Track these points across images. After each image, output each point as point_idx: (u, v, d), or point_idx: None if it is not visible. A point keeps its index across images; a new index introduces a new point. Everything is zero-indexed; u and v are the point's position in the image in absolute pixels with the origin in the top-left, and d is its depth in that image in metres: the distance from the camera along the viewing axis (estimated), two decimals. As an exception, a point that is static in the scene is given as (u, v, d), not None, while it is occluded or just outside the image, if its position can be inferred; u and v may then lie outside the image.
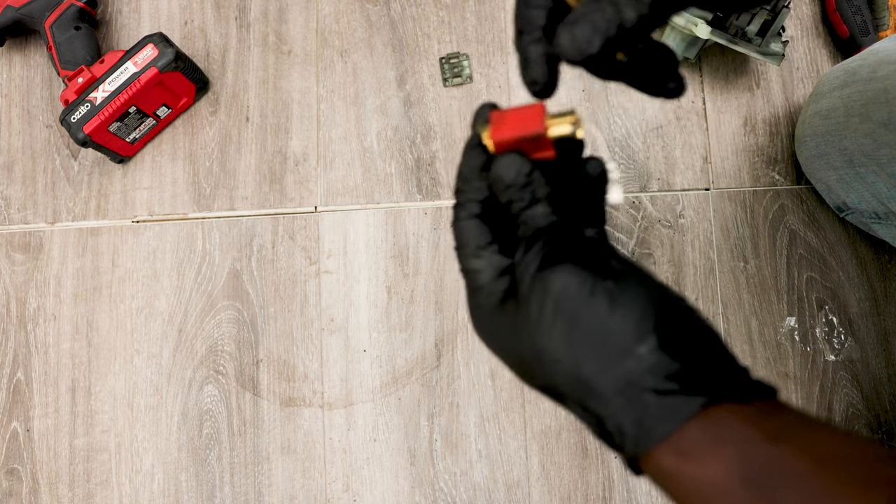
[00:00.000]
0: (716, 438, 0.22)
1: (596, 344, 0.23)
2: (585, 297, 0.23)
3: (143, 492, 0.63)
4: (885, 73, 0.53)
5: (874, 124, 0.53)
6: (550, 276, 0.24)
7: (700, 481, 0.22)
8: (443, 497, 0.63)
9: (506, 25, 0.72)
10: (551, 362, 0.24)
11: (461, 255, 0.27)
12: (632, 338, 0.23)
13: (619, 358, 0.23)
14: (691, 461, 0.22)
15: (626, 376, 0.22)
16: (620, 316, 0.23)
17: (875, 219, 0.60)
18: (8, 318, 0.66)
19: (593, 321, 0.23)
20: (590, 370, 0.23)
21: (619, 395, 0.22)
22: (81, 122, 0.62)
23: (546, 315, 0.24)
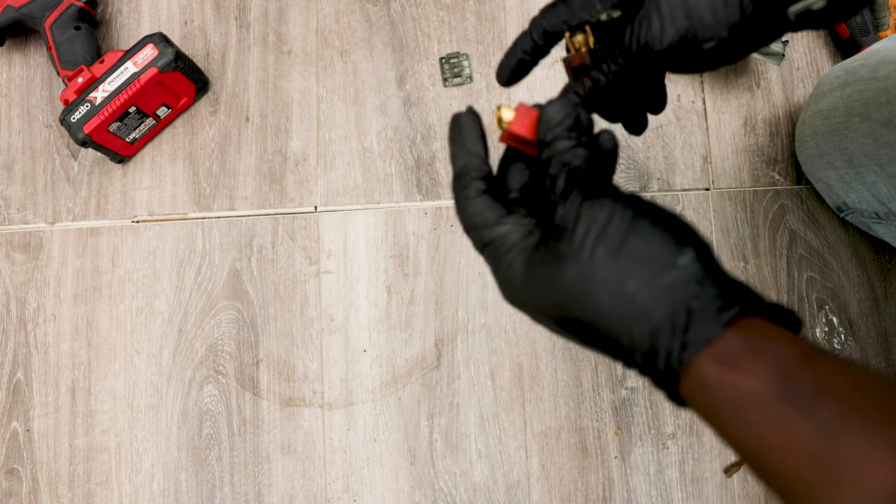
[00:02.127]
0: (754, 349, 0.23)
1: (639, 261, 0.25)
2: (627, 222, 0.25)
3: (143, 492, 0.63)
4: (885, 73, 0.53)
5: (875, 124, 0.53)
6: (596, 205, 0.26)
7: (739, 390, 0.22)
8: (443, 497, 0.63)
9: (506, 25, 0.72)
10: (597, 285, 0.25)
11: (480, 231, 0.29)
12: (672, 252, 0.25)
13: (662, 269, 0.24)
14: (731, 370, 0.23)
15: (669, 284, 0.24)
16: (660, 236, 0.25)
17: (875, 219, 0.60)
18: (8, 318, 0.66)
19: (636, 241, 0.25)
20: (635, 284, 0.24)
21: (664, 304, 0.24)
22: (81, 122, 0.62)
23: (591, 241, 0.25)
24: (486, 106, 0.70)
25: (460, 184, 0.30)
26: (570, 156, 0.28)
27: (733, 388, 0.22)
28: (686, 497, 0.64)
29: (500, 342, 0.66)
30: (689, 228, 0.26)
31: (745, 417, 0.22)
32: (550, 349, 0.66)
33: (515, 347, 0.66)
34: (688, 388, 0.24)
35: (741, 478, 0.64)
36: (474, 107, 0.70)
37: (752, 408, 0.22)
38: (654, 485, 0.64)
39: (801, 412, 0.21)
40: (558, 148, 0.28)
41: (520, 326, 0.66)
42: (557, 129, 0.28)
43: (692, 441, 0.64)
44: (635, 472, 0.64)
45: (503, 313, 0.66)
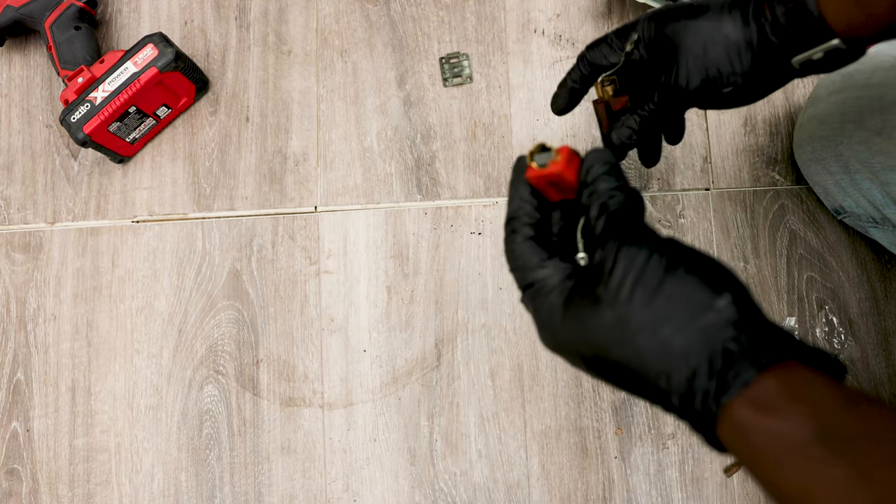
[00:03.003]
0: (793, 393, 0.23)
1: (676, 304, 0.25)
2: (664, 266, 0.26)
3: (143, 492, 0.63)
4: (879, 80, 0.52)
5: (868, 132, 0.53)
6: (634, 249, 0.27)
7: (776, 435, 0.22)
8: (443, 497, 0.63)
9: (506, 25, 0.72)
10: (634, 328, 0.25)
11: (524, 272, 0.31)
12: (710, 294, 0.25)
13: (699, 312, 0.25)
14: (769, 414, 0.22)
15: (706, 327, 0.24)
16: (696, 280, 0.26)
17: (872, 223, 0.60)
18: (8, 318, 0.66)
19: (673, 285, 0.25)
20: (671, 328, 0.25)
21: (700, 347, 0.24)
22: (81, 122, 0.62)
23: (628, 284, 0.26)
24: (485, 106, 0.70)
25: (510, 227, 0.32)
26: (609, 198, 0.29)
27: (770, 433, 0.22)
28: (686, 497, 0.64)
29: (500, 342, 0.66)
30: (727, 272, 0.27)
31: (782, 462, 0.22)
32: (550, 349, 0.66)
33: (515, 347, 0.66)
34: (725, 431, 0.24)
35: (741, 478, 0.64)
36: (474, 107, 0.70)
37: (789, 453, 0.22)
38: (654, 485, 0.64)
39: (839, 457, 0.21)
40: (599, 189, 0.29)
41: (520, 326, 0.66)
42: (600, 170, 0.30)
43: (692, 441, 0.65)
44: (635, 472, 0.64)
45: (503, 313, 0.66)
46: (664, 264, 0.26)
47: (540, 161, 0.31)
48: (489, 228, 0.68)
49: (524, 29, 0.72)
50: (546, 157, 0.31)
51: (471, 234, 0.68)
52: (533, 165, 0.31)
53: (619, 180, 0.30)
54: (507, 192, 0.34)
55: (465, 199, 0.68)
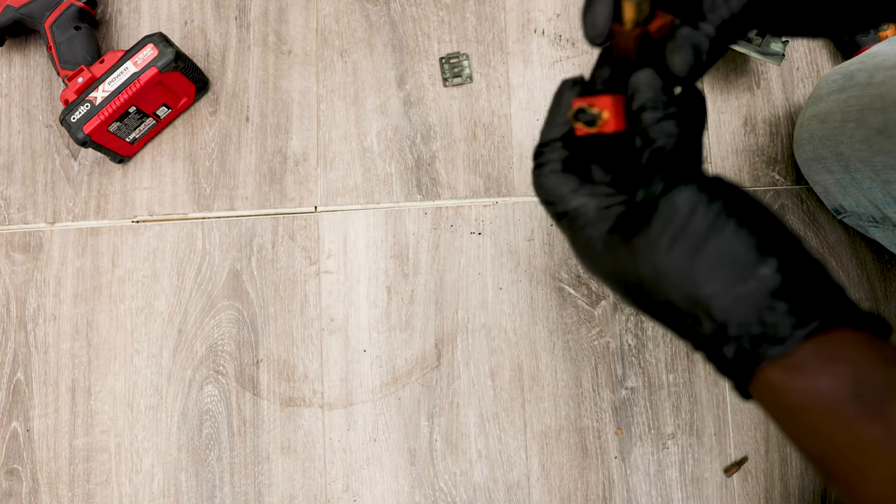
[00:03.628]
0: (830, 357, 0.22)
1: (719, 264, 0.23)
2: (711, 219, 0.24)
3: (143, 492, 0.63)
4: (881, 79, 0.52)
5: (870, 131, 0.53)
6: (677, 197, 0.24)
7: (808, 393, 0.22)
8: (443, 497, 0.63)
9: (506, 25, 0.72)
10: (671, 283, 0.24)
11: (555, 205, 0.29)
12: (754, 259, 0.23)
13: (741, 278, 0.23)
14: (802, 375, 0.22)
15: (747, 295, 0.23)
16: (744, 238, 0.24)
17: (872, 222, 0.60)
18: (8, 318, 0.66)
19: (717, 242, 0.24)
20: (711, 290, 0.23)
21: (738, 315, 0.23)
22: (81, 122, 0.62)
23: (669, 236, 0.24)
24: (485, 106, 0.70)
25: (537, 161, 0.30)
26: (656, 131, 0.26)
27: (803, 392, 0.22)
28: (686, 497, 0.64)
29: (500, 342, 0.66)
30: (778, 229, 0.25)
31: (814, 420, 0.22)
32: (550, 349, 0.66)
33: (515, 347, 0.66)
34: (757, 389, 0.24)
35: (741, 478, 0.64)
36: (474, 107, 0.70)
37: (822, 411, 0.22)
38: (654, 485, 0.64)
39: (872, 414, 0.21)
40: (646, 120, 0.27)
41: (520, 326, 0.66)
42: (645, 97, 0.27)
43: (692, 441, 0.64)
44: (635, 472, 0.64)
45: (503, 313, 0.66)
46: (710, 218, 0.24)
47: (586, 120, 0.28)
48: (489, 228, 0.68)
49: (524, 29, 0.72)
50: (592, 116, 0.28)
51: (471, 234, 0.68)
52: (579, 126, 0.28)
53: (667, 107, 0.27)
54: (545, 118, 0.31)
55: (465, 199, 0.68)
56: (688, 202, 0.24)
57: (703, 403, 0.65)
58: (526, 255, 0.67)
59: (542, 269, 0.67)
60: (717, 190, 0.25)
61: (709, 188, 0.25)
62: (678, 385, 0.65)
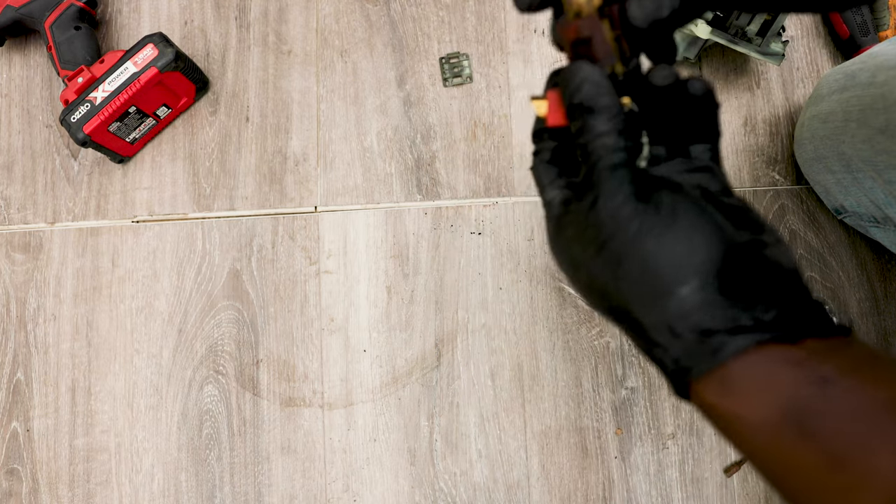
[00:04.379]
0: (758, 379, 0.22)
1: (639, 282, 0.23)
2: (633, 232, 0.23)
3: (143, 492, 0.63)
4: (883, 79, 0.52)
5: (872, 130, 0.53)
6: (601, 207, 0.24)
7: (739, 418, 0.22)
8: (443, 497, 0.63)
9: (506, 25, 0.72)
10: (603, 294, 0.24)
11: (540, 194, 0.29)
12: (674, 279, 0.23)
13: (659, 298, 0.23)
14: (732, 397, 0.22)
15: (666, 317, 0.23)
16: (666, 254, 0.23)
17: (873, 222, 0.60)
18: (8, 318, 0.66)
19: (638, 257, 0.23)
20: (635, 307, 0.23)
21: (663, 332, 0.23)
22: (81, 122, 0.62)
23: (593, 247, 0.24)
24: (485, 106, 0.70)
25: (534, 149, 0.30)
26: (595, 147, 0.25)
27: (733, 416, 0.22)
28: (686, 497, 0.64)
29: (500, 342, 0.66)
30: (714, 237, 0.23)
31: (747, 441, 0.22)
32: (550, 349, 0.66)
33: (515, 347, 0.66)
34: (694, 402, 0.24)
35: (741, 478, 0.64)
36: (474, 107, 0.70)
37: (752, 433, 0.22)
38: (654, 485, 0.64)
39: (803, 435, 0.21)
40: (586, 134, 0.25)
41: (520, 326, 0.66)
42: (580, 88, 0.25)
43: (692, 441, 0.64)
44: (635, 472, 0.64)
45: (503, 313, 0.66)
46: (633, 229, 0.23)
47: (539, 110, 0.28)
48: (489, 228, 0.68)
49: (524, 29, 0.72)
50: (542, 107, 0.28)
51: (471, 234, 0.68)
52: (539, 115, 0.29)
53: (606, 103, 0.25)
54: None
55: (465, 199, 0.68)
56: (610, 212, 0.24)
57: (703, 403, 0.65)
58: (526, 255, 0.67)
59: (542, 269, 0.67)
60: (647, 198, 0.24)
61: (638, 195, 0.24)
62: (678, 385, 0.65)
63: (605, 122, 0.24)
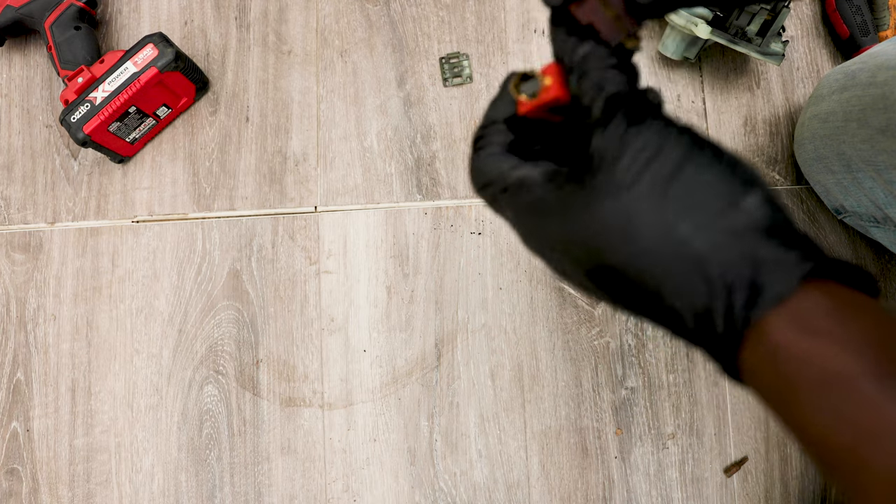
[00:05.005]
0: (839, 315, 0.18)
1: (696, 198, 0.20)
2: (683, 149, 0.21)
3: (143, 492, 0.63)
4: (883, 79, 0.52)
5: (872, 130, 0.53)
6: (644, 130, 0.21)
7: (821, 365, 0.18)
8: (443, 497, 0.63)
9: (506, 25, 0.72)
10: (641, 223, 0.20)
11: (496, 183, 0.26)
12: (737, 190, 0.20)
13: (724, 210, 0.20)
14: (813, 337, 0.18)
15: (731, 228, 0.20)
16: (721, 170, 0.20)
17: (873, 223, 0.60)
18: (8, 318, 0.66)
19: (692, 173, 0.20)
20: (688, 226, 0.20)
21: (724, 252, 0.19)
22: (81, 121, 0.62)
23: (635, 169, 0.21)
24: (485, 106, 0.70)
25: (477, 146, 0.27)
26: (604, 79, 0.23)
27: (813, 362, 0.18)
28: (686, 497, 0.64)
29: (500, 342, 0.66)
30: (754, 169, 0.21)
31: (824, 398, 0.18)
32: (550, 349, 0.66)
33: (515, 347, 0.66)
34: (751, 357, 0.19)
35: (741, 478, 0.64)
36: (474, 107, 0.70)
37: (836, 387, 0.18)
38: (654, 485, 0.64)
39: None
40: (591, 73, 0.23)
41: (520, 326, 0.66)
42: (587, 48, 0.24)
43: (692, 441, 0.64)
44: (635, 472, 0.64)
45: (503, 313, 0.66)
46: (682, 148, 0.21)
47: (528, 91, 0.26)
48: (489, 228, 0.68)
49: (524, 29, 0.72)
50: (534, 86, 0.26)
51: (471, 234, 0.68)
52: (522, 98, 0.26)
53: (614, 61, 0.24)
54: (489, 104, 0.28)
55: (465, 199, 0.68)
56: (656, 134, 0.21)
57: (703, 403, 0.65)
58: (526, 255, 0.67)
59: (542, 269, 0.67)
60: (684, 126, 0.22)
61: (675, 124, 0.22)
62: (678, 385, 0.65)
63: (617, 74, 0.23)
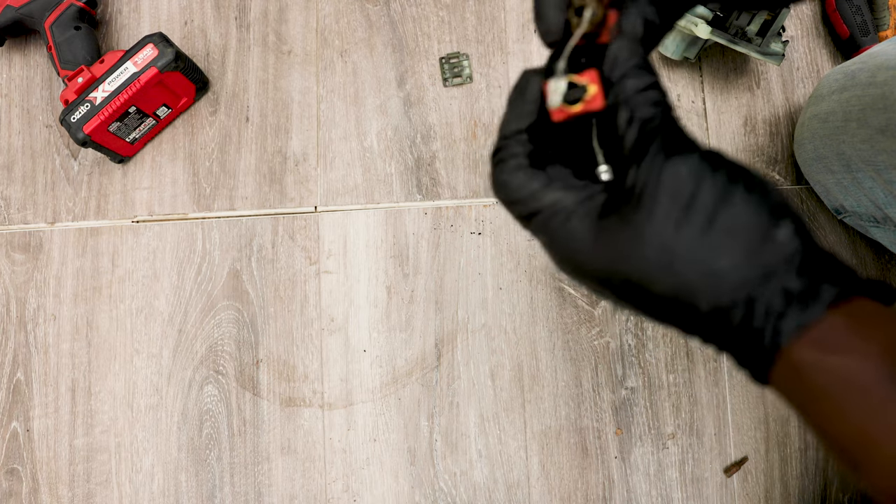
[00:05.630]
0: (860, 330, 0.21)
1: (732, 234, 0.22)
2: (719, 188, 0.22)
3: (143, 492, 0.63)
4: (883, 79, 0.52)
5: (872, 130, 0.53)
6: (680, 168, 0.22)
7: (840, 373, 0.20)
8: (443, 497, 0.63)
9: (506, 25, 0.72)
10: (682, 262, 0.22)
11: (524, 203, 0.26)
12: (769, 225, 0.22)
13: (758, 245, 0.22)
14: (833, 353, 0.21)
15: (765, 262, 0.21)
16: (755, 204, 0.22)
17: (873, 222, 0.60)
18: (8, 318, 0.66)
19: (728, 211, 0.22)
20: (726, 262, 0.22)
21: (759, 284, 0.21)
22: (81, 121, 0.62)
23: (676, 212, 0.22)
24: (485, 106, 0.70)
25: (499, 156, 0.27)
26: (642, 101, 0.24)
27: (833, 372, 0.20)
28: (686, 497, 0.64)
29: (500, 342, 0.66)
30: (782, 196, 0.23)
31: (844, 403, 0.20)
32: (550, 349, 0.66)
33: (515, 347, 0.66)
34: (780, 372, 0.22)
35: (741, 478, 0.64)
36: (474, 107, 0.70)
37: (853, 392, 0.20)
38: (654, 485, 0.64)
39: None
40: (627, 91, 0.24)
41: (520, 326, 0.66)
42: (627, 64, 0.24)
43: (692, 441, 0.64)
44: (635, 472, 0.64)
45: (503, 313, 0.66)
46: (718, 187, 0.22)
47: (570, 98, 0.25)
48: (489, 228, 0.68)
49: (524, 29, 0.72)
50: (577, 94, 0.25)
51: (471, 234, 0.68)
52: (562, 107, 0.25)
53: (650, 76, 0.24)
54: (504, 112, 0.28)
55: (465, 199, 0.68)
56: (692, 172, 0.22)
57: (703, 403, 0.65)
58: (526, 255, 0.67)
59: (542, 269, 0.67)
60: (717, 159, 0.23)
61: (709, 158, 0.23)
62: (678, 385, 0.65)
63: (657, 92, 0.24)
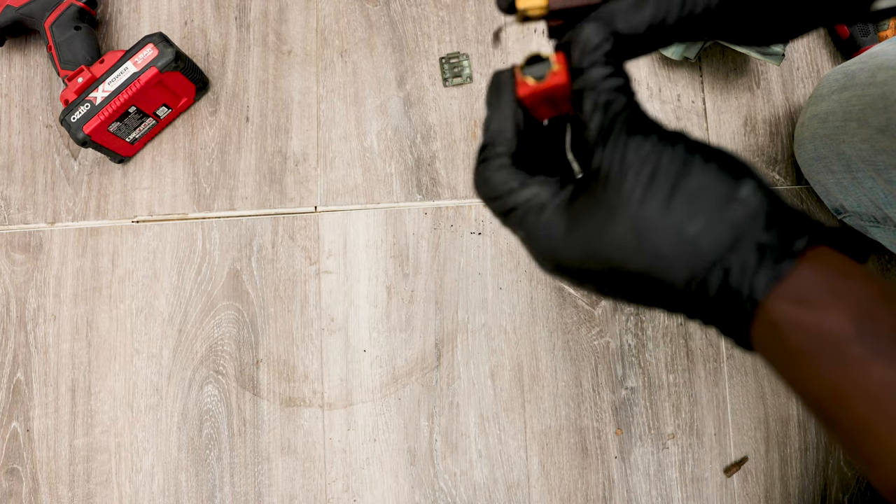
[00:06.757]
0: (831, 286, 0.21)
1: (697, 200, 0.23)
2: (679, 160, 0.23)
3: (143, 492, 0.63)
4: (883, 79, 0.52)
5: (872, 130, 0.53)
6: (643, 144, 0.24)
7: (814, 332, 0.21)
8: (443, 497, 0.63)
9: (506, 25, 0.72)
10: (655, 232, 0.23)
11: (503, 198, 0.27)
12: (731, 185, 0.23)
13: (723, 205, 0.23)
14: (807, 309, 0.21)
15: (732, 220, 0.22)
16: (715, 170, 0.23)
17: (873, 223, 0.60)
18: (8, 318, 0.66)
19: (691, 180, 0.23)
20: (696, 227, 0.23)
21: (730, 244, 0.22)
22: (81, 121, 0.62)
23: (642, 185, 0.23)
24: (484, 106, 0.70)
25: (482, 156, 0.28)
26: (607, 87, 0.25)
27: (807, 330, 0.21)
28: (686, 497, 0.64)
29: (500, 342, 0.66)
30: (743, 160, 0.24)
31: (818, 361, 0.21)
32: (550, 349, 0.66)
33: (515, 347, 0.66)
34: (759, 331, 0.23)
35: (741, 478, 0.64)
36: (474, 107, 0.70)
37: (826, 350, 0.21)
38: (654, 485, 0.64)
39: (881, 357, 0.20)
40: (594, 77, 0.25)
41: (520, 326, 0.66)
42: (595, 54, 0.25)
43: (692, 441, 0.64)
44: (635, 472, 0.64)
45: (503, 313, 0.66)
46: (680, 157, 0.23)
47: (535, 74, 0.26)
48: (489, 228, 0.68)
49: (524, 29, 0.72)
50: (542, 69, 0.26)
51: (471, 234, 0.68)
52: (527, 81, 0.26)
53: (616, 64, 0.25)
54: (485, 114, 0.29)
55: (465, 199, 0.68)
56: (654, 147, 0.24)
57: (703, 403, 0.65)
58: (526, 255, 0.67)
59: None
60: (677, 136, 0.24)
61: (669, 133, 0.24)
62: (678, 385, 0.65)
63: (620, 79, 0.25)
